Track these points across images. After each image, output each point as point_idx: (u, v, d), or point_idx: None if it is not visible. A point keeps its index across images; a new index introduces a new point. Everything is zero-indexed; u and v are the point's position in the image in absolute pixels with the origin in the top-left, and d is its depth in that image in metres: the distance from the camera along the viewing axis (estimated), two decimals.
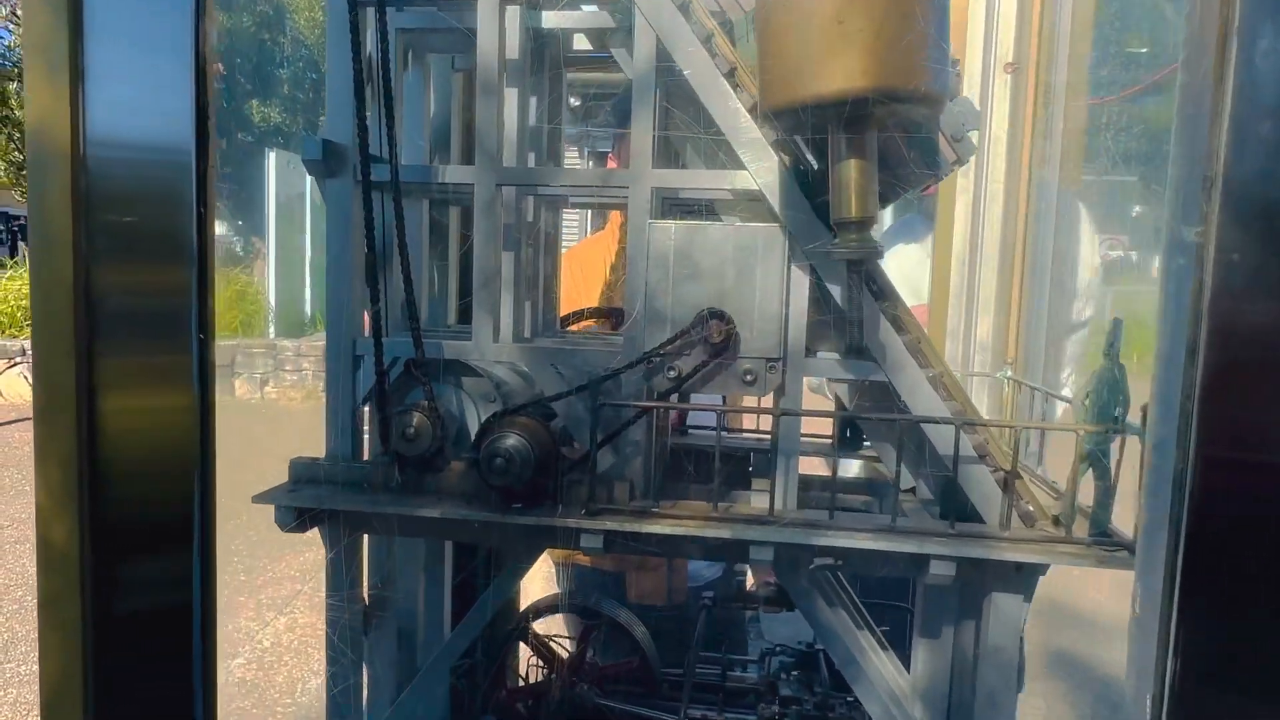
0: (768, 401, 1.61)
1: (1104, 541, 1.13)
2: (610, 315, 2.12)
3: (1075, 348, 2.60)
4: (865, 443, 1.64)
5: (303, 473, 1.32)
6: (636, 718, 1.80)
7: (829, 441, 1.73)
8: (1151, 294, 0.79)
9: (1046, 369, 2.11)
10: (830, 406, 1.63)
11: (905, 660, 1.51)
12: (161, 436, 0.92)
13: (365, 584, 1.50)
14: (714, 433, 1.30)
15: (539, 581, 2.64)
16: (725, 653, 1.99)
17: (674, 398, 1.26)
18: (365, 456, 1.39)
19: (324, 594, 1.40)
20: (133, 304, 0.90)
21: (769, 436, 1.82)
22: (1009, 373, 1.70)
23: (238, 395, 11.03)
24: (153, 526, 0.91)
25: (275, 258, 13.04)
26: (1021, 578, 1.24)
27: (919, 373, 1.21)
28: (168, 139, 0.87)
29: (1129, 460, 1.14)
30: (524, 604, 1.98)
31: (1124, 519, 1.20)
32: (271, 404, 10.99)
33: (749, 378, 1.22)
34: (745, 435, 1.91)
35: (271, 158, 13.37)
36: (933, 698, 1.41)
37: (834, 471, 1.21)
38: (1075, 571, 1.16)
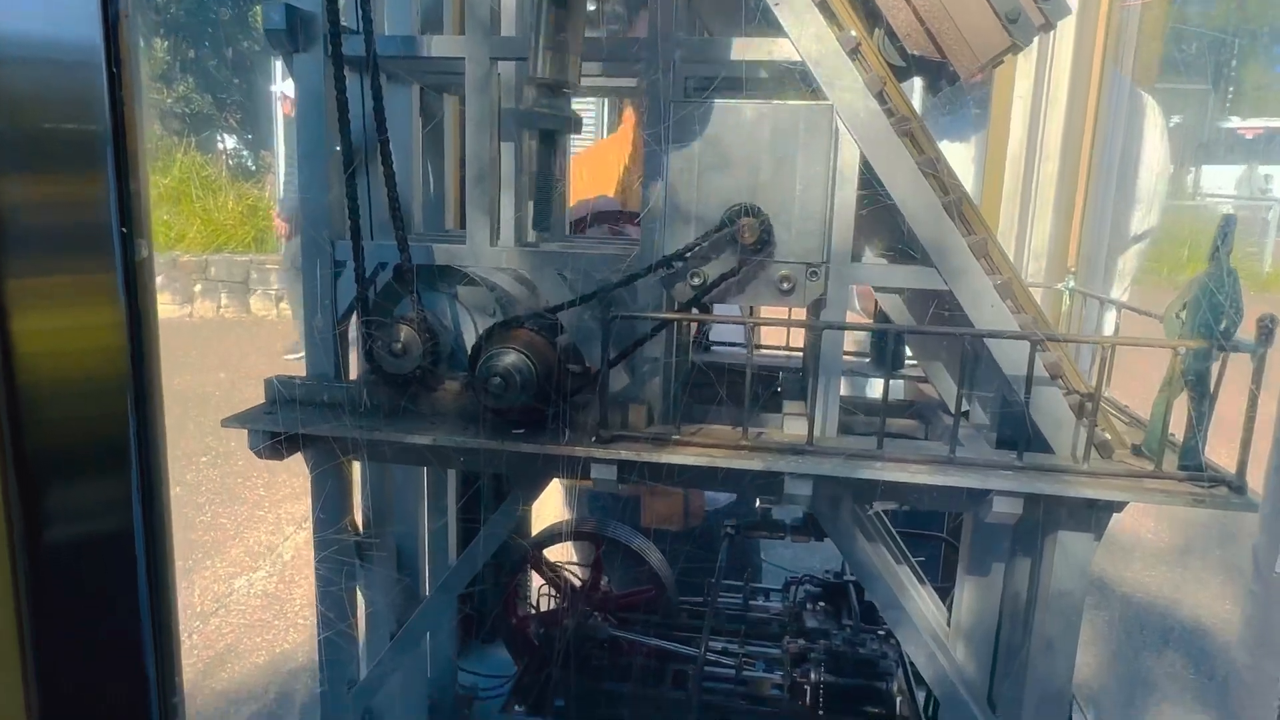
0: (800, 314, 1.44)
1: (1199, 477, 0.97)
2: (623, 219, 1.94)
3: (1132, 261, 2.39)
4: (909, 359, 1.47)
5: (280, 393, 1.18)
6: (654, 650, 1.70)
7: (858, 360, 1.57)
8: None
9: (1106, 280, 1.92)
10: (858, 319, 1.46)
11: (942, 595, 1.38)
12: (86, 356, 0.79)
13: (358, 511, 1.38)
14: (742, 349, 1.14)
15: (550, 505, 2.53)
16: (746, 582, 1.88)
17: (697, 309, 1.10)
18: (353, 376, 1.24)
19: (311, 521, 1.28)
20: (44, 216, 0.77)
21: (799, 354, 1.66)
22: (1072, 283, 1.51)
23: (253, 311, 10.99)
24: (82, 451, 0.80)
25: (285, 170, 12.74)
26: (1094, 515, 1.09)
27: (985, 280, 1.04)
28: (71, 38, 0.76)
29: (1233, 382, 0.97)
30: (535, 529, 1.87)
31: (1215, 451, 1.04)
32: (288, 319, 10.95)
33: (785, 285, 1.05)
34: (772, 351, 1.75)
35: (277, 65, 12.92)
36: (978, 641, 1.28)
37: (885, 394, 1.05)
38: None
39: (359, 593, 1.38)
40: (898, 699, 1.58)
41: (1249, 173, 16.16)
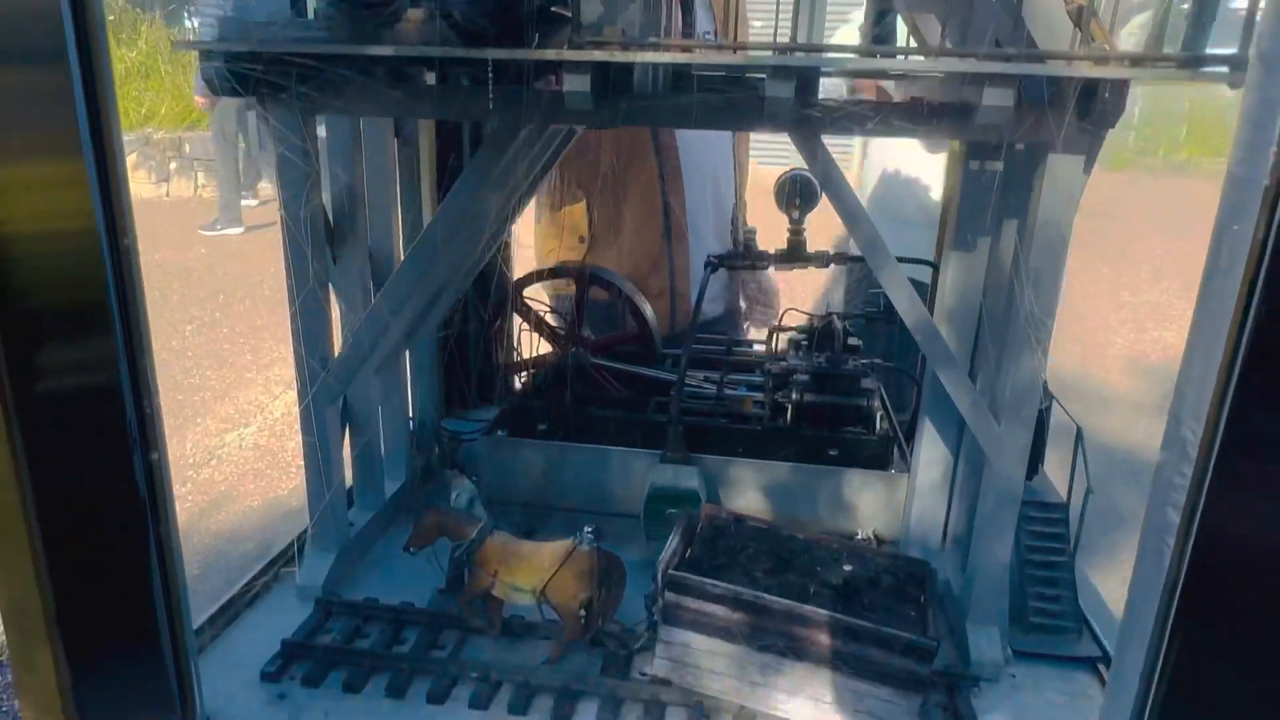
0: None
1: (1201, 58, 0.93)
2: None
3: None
4: None
5: (233, 33, 1.11)
6: (635, 378, 1.70)
7: None
8: None
9: None
10: None
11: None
12: (60, 228, 0.82)
13: (326, 199, 1.34)
14: None
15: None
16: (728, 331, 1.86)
17: None
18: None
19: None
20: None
21: None
22: None
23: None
24: (64, 316, 0.83)
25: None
26: (1084, 140, 1.05)
27: None
28: None
29: None
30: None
31: None
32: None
33: None
34: None
35: None
36: (964, 295, 1.27)
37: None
38: None
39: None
40: (877, 415, 1.58)
41: None
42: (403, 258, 1.45)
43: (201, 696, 1.07)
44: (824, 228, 1.68)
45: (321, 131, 1.33)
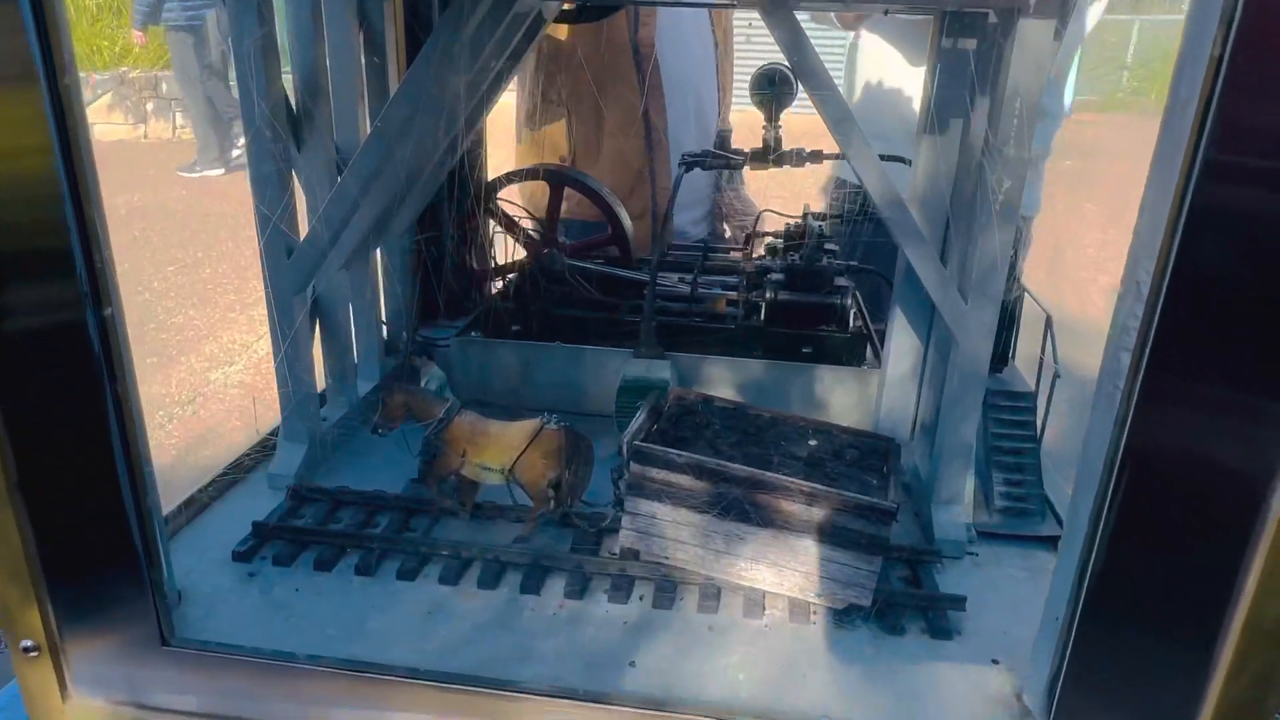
0: None
1: None
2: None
3: None
4: None
5: None
6: (610, 280, 1.69)
7: None
8: None
9: None
10: None
11: None
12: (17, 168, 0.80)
13: (291, 88, 1.31)
14: None
15: None
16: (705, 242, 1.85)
17: None
18: None
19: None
20: None
21: None
22: None
23: None
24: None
25: None
26: (1055, 1, 1.03)
27: None
28: None
29: None
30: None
31: None
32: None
33: None
34: None
35: None
36: (935, 180, 1.26)
37: None
38: None
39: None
40: (850, 313, 1.59)
41: None
42: None
43: (171, 573, 1.08)
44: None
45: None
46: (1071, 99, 2.30)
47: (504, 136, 2.42)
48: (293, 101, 1.31)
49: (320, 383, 1.53)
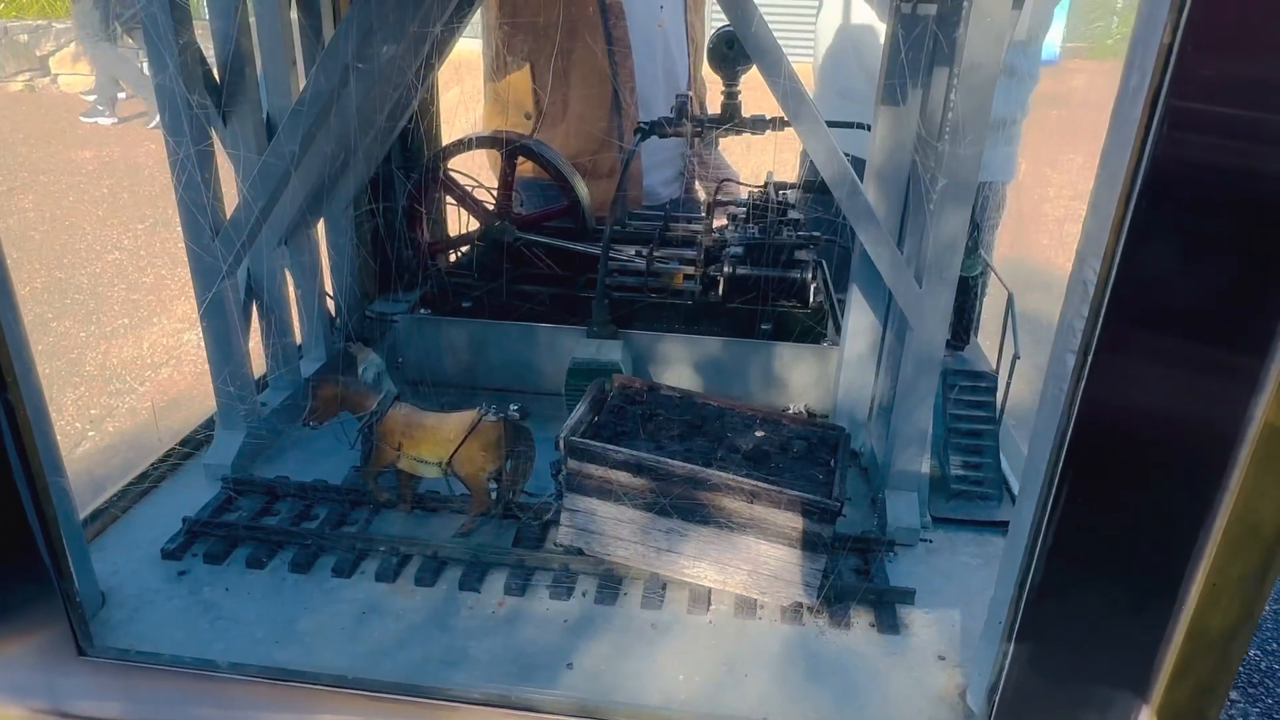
0: None
1: None
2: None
3: None
4: None
5: None
6: (563, 253, 1.63)
7: None
8: None
9: None
10: None
11: None
12: None
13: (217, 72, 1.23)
14: None
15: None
16: (666, 208, 1.78)
17: None
18: None
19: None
20: None
21: None
22: None
23: None
24: None
25: None
26: None
27: None
28: None
29: None
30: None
31: None
32: None
33: None
34: None
35: None
36: (893, 153, 1.20)
37: None
38: None
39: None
40: (811, 287, 1.53)
41: None
42: None
43: (92, 577, 1.05)
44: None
45: None
46: (1061, 47, 2.22)
47: (474, 91, 2.32)
48: (212, 65, 1.23)
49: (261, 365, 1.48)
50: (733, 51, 1.46)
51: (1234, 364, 0.71)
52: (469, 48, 1.82)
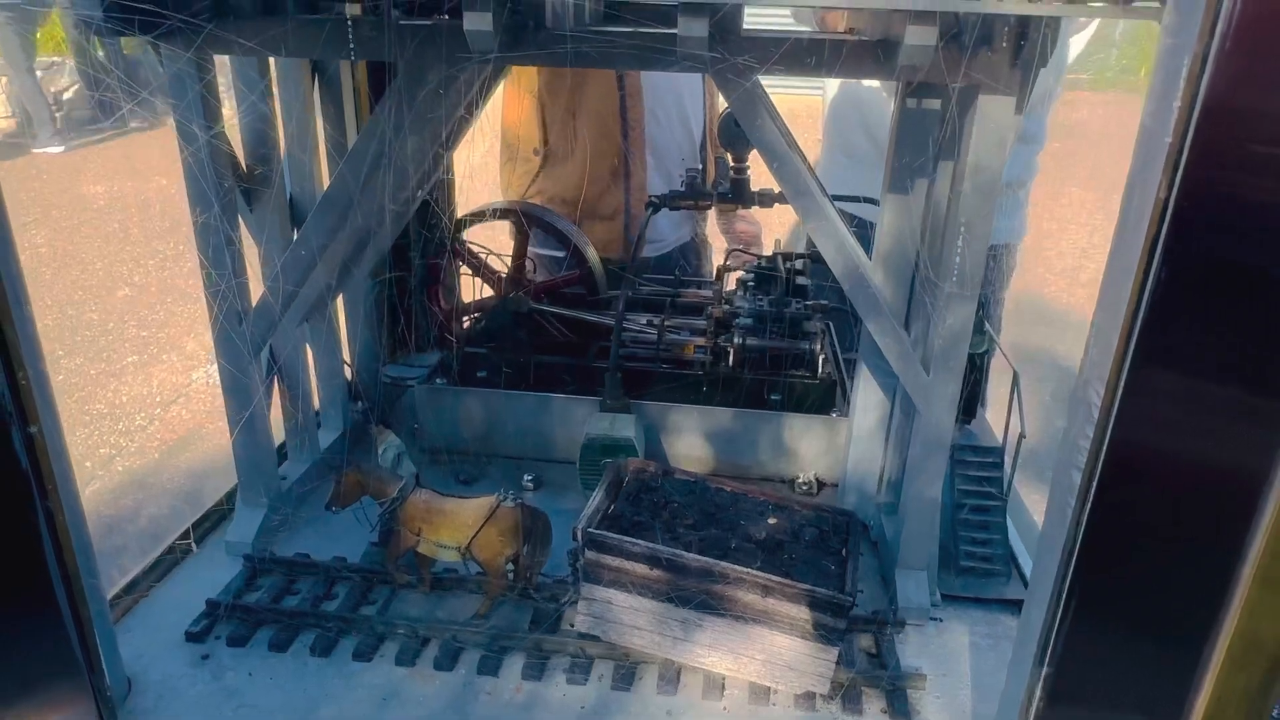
0: None
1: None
2: None
3: None
4: None
5: None
6: (576, 322, 1.66)
7: None
8: None
9: None
10: None
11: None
12: None
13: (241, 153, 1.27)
14: None
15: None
16: (676, 274, 1.82)
17: None
18: None
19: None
20: None
21: None
22: None
23: None
24: None
25: None
26: (1015, 77, 1.00)
27: None
28: None
29: None
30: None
31: None
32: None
33: None
34: None
35: None
36: (900, 239, 1.23)
37: None
38: None
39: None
40: (820, 359, 1.56)
41: None
42: None
43: (118, 664, 1.07)
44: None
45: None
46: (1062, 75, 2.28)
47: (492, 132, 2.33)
48: (240, 156, 1.27)
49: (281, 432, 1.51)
50: (742, 130, 1.49)
51: (1234, 488, 0.73)
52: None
